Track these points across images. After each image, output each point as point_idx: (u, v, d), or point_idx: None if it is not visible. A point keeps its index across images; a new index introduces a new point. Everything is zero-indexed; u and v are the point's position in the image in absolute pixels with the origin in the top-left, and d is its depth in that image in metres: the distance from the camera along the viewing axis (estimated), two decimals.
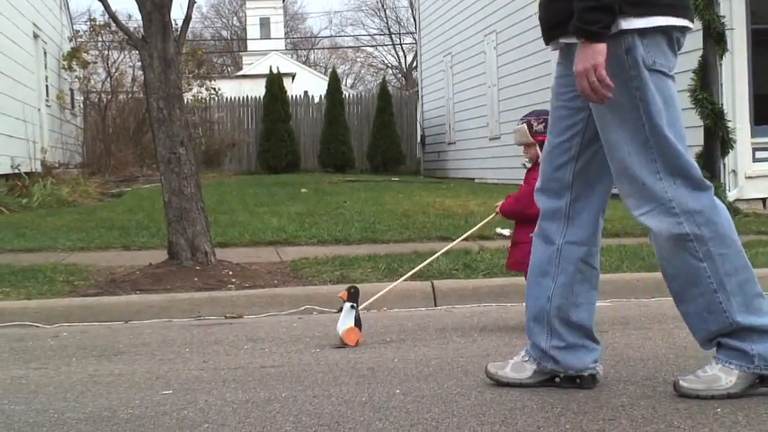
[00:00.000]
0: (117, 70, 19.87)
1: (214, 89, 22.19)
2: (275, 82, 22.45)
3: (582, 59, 2.93)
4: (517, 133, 4.54)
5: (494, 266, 6.32)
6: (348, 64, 59.58)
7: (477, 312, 5.30)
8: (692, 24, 3.13)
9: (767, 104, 10.51)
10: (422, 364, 3.82)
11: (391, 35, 56.95)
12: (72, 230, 9.04)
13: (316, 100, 24.61)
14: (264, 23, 51.78)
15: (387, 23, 57.74)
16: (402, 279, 5.30)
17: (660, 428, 2.74)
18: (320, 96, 24.18)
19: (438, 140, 21.93)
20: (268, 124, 22.11)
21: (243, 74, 37.48)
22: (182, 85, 6.59)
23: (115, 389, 3.52)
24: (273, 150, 21.95)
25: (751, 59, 10.26)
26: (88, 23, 20.99)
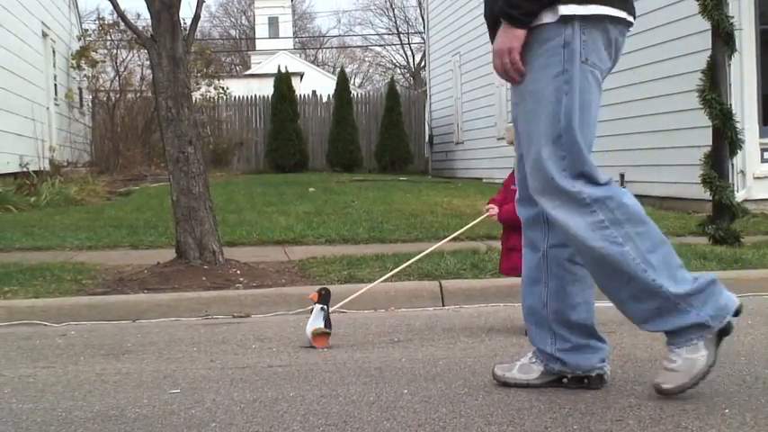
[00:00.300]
0: (125, 69, 19.93)
1: (222, 88, 22.21)
2: (283, 81, 22.47)
3: (501, 39, 3.03)
4: (508, 132, 4.52)
5: None
6: (356, 63, 59.68)
7: (485, 312, 5.30)
8: (632, 18, 3.11)
9: None
10: (429, 364, 3.82)
11: (399, 34, 57.04)
12: (80, 229, 9.06)
13: (324, 99, 24.63)
14: (273, 23, 51.87)
15: (395, 23, 57.84)
16: (378, 281, 5.33)
17: (668, 429, 2.73)
18: (328, 96, 24.19)
19: (446, 140, 21.91)
20: (276, 123, 22.14)
21: (251, 73, 37.48)
22: (190, 85, 6.60)
23: (123, 388, 3.52)
24: (281, 149, 21.98)
25: (760, 60, 10.24)
26: (97, 22, 21.08)
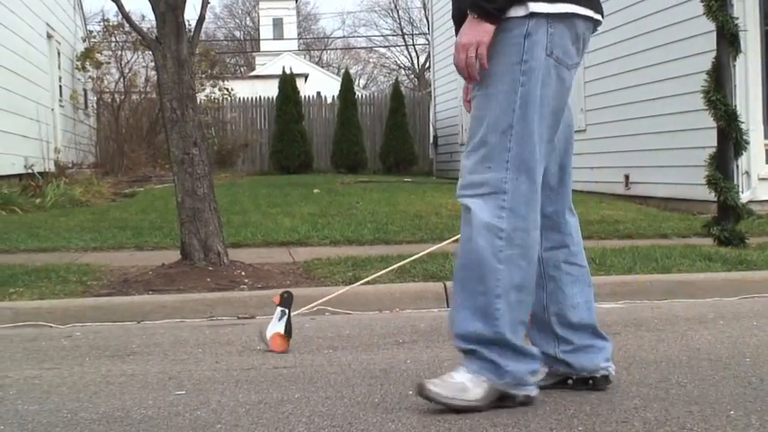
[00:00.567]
0: (130, 71, 19.97)
1: (227, 89, 22.26)
2: (288, 82, 22.48)
3: (467, 33, 2.93)
4: None
5: None
6: (361, 65, 59.71)
7: None
8: (599, 17, 3.08)
9: None
10: (434, 365, 3.82)
11: (404, 36, 57.06)
12: (85, 230, 9.08)
13: (328, 100, 24.65)
14: (277, 24, 51.85)
15: (400, 24, 57.86)
16: (359, 283, 5.34)
17: (673, 431, 2.73)
18: (333, 97, 24.21)
19: (450, 141, 21.90)
20: (281, 125, 22.15)
21: (256, 74, 37.55)
22: (195, 86, 6.61)
23: (128, 389, 3.53)
24: (286, 151, 21.98)
25: (764, 61, 10.24)
26: (102, 24, 21.10)
